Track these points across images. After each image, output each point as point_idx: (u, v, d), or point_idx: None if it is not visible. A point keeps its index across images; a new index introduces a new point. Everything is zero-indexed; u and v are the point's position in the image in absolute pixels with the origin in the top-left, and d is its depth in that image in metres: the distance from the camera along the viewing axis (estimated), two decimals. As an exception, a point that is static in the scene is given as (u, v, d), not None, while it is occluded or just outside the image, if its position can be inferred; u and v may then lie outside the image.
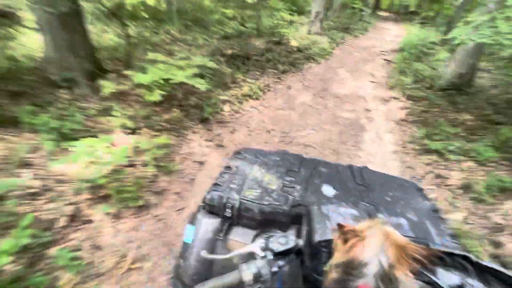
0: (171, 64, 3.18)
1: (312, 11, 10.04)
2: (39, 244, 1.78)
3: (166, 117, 3.32)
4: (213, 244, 1.04)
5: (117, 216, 2.16)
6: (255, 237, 1.04)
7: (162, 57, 3.26)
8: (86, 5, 4.56)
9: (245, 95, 4.54)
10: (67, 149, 2.39)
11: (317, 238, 0.71)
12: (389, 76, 7.36)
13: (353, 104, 5.26)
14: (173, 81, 2.99)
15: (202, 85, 2.99)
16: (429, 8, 17.37)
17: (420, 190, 1.26)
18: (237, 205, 1.04)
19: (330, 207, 0.87)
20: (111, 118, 2.89)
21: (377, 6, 21.29)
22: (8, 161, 2.15)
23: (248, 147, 2.22)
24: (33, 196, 2.00)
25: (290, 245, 0.74)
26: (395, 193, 1.17)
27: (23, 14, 4.36)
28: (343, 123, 4.42)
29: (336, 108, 4.95)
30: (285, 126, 4.08)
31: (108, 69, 3.72)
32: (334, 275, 0.56)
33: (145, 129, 2.97)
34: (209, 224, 1.06)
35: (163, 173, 2.61)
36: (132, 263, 1.89)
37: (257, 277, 0.68)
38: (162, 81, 2.85)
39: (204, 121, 3.54)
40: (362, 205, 1.05)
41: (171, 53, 4.98)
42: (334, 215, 0.81)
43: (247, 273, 0.67)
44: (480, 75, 6.42)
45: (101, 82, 3.09)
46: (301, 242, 0.76)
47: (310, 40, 9.05)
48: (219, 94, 4.39)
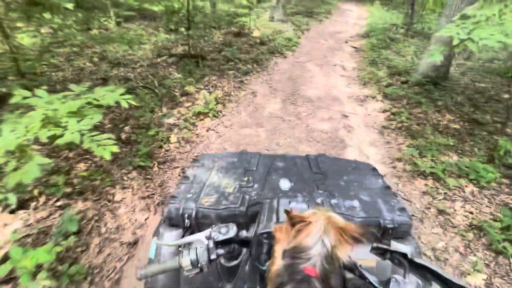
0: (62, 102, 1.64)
1: (273, -4, 9.03)
2: None
3: (79, 169, 2.31)
4: (176, 255, 0.91)
5: None
6: None
7: (43, 95, 1.64)
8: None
9: (199, 113, 3.57)
10: None
11: (260, 230, 0.71)
12: (360, 67, 6.75)
13: (328, 109, 4.54)
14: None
15: (104, 153, 1.51)
16: (389, -12, 17.06)
17: (373, 169, 1.30)
18: (194, 214, 1.02)
19: (281, 201, 0.85)
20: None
21: (337, -14, 20.59)
22: None
23: (206, 153, 1.98)
24: None
25: (230, 235, 0.75)
26: (350, 177, 1.21)
27: None
28: (320, 138, 3.69)
29: (310, 117, 4.19)
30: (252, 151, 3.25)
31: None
32: (280, 262, 0.60)
33: (42, 198, 1.96)
34: (171, 236, 1.04)
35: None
36: None
37: (195, 263, 0.70)
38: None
39: (140, 166, 2.56)
40: (317, 194, 1.08)
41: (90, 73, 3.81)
42: (282, 209, 0.77)
43: (185, 259, 0.70)
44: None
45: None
46: (245, 233, 0.82)
47: (273, 28, 8.10)
48: (164, 115, 3.38)
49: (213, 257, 0.73)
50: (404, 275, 0.65)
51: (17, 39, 2.96)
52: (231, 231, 0.76)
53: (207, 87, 4.33)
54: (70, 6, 2.62)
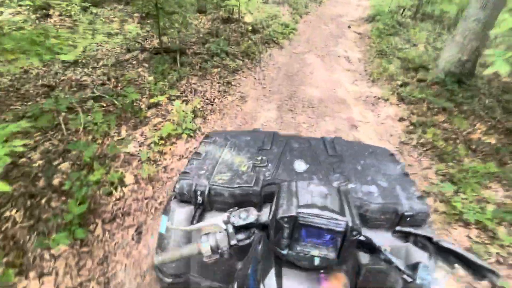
0: None
1: (267, -27, 7.86)
2: None
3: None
4: (188, 232, 1.01)
5: None
6: None
7: None
8: None
9: (169, 136, 2.72)
10: None
11: (281, 214, 0.65)
12: (367, 59, 5.84)
13: (333, 117, 3.71)
14: None
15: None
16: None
17: (391, 155, 1.25)
18: (207, 191, 1.00)
19: (299, 184, 0.74)
20: None
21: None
22: None
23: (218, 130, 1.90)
24: None
25: (250, 219, 0.72)
26: (367, 161, 1.17)
27: None
28: (326, 162, 2.90)
29: (312, 130, 3.37)
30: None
31: None
32: None
33: None
34: (181, 212, 1.02)
35: None
36: None
37: (215, 249, 0.69)
38: None
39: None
40: (333, 177, 1.05)
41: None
42: (302, 192, 0.70)
43: (205, 245, 0.69)
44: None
45: None
46: (264, 217, 0.73)
47: (268, 13, 7.04)
48: (122, 141, 2.53)
49: (233, 242, 0.70)
50: (429, 259, 0.66)
51: None
52: (251, 216, 0.73)
53: (184, 94, 3.44)
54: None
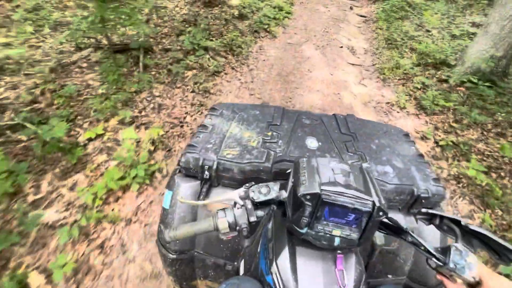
0: None
1: None
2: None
3: None
4: (193, 208, 0.99)
5: None
6: None
7: None
8: None
9: (112, 191, 1.90)
10: None
11: (303, 191, 0.61)
12: (375, 49, 4.93)
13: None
14: None
15: None
16: None
17: (406, 135, 1.22)
18: (215, 166, 0.95)
19: (320, 160, 0.70)
20: None
21: None
22: None
23: (224, 102, 1.98)
24: None
25: (271, 195, 0.67)
26: (381, 141, 1.14)
27: None
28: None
29: (312, 158, 2.59)
30: None
31: None
32: None
33: None
34: (187, 187, 0.98)
35: None
36: None
37: (233, 225, 0.64)
38: None
39: None
40: (347, 156, 1.02)
41: None
42: (324, 169, 0.66)
43: (223, 220, 0.64)
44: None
45: None
46: (285, 193, 0.67)
47: (258, -7, 5.92)
48: (41, 200, 1.72)
49: (253, 219, 0.64)
50: (456, 242, 0.63)
51: None
52: (273, 191, 0.67)
53: (143, 113, 2.58)
54: None
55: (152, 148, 2.25)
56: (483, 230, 0.62)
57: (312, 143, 1.06)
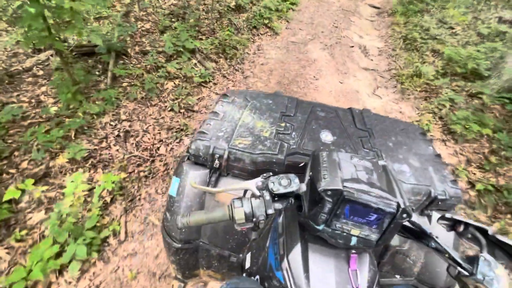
0: None
1: None
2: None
3: None
4: (200, 197, 0.95)
5: None
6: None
7: None
8: None
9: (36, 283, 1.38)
10: None
11: (324, 186, 0.58)
12: (391, 50, 4.27)
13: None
14: None
15: None
16: None
17: (423, 134, 1.17)
18: (226, 155, 0.92)
19: (341, 155, 0.67)
20: None
21: None
22: None
23: (236, 88, 1.88)
24: None
25: (292, 188, 0.62)
26: (398, 138, 1.10)
27: None
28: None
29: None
30: None
31: None
32: None
33: None
34: (195, 176, 0.95)
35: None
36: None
37: (249, 216, 0.60)
38: None
39: None
40: (362, 152, 1.00)
41: None
42: (346, 165, 0.63)
43: (239, 210, 0.60)
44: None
45: None
46: (305, 187, 0.64)
47: (259, -21, 5.16)
48: None
49: (270, 211, 0.61)
50: (481, 252, 0.59)
51: None
52: (294, 184, 0.63)
53: (104, 143, 2.02)
54: None
55: (109, 198, 1.71)
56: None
57: (327, 136, 1.03)
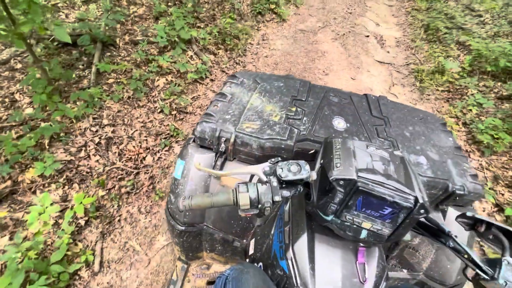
0: None
1: None
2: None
3: None
4: (205, 180, 0.93)
5: None
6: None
7: None
8: None
9: None
10: None
11: (336, 175, 0.54)
12: (410, 42, 3.84)
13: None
14: None
15: None
16: None
17: (443, 124, 1.10)
18: (232, 139, 0.89)
19: (356, 143, 0.63)
20: None
21: None
22: None
23: (245, 70, 1.70)
24: None
25: (302, 175, 0.58)
26: (416, 128, 1.05)
27: None
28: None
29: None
30: None
31: None
32: None
33: None
34: (200, 159, 0.92)
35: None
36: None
37: (255, 202, 0.56)
38: None
39: None
40: (377, 141, 0.94)
41: None
42: (361, 154, 0.59)
43: (244, 196, 0.56)
44: None
45: None
46: (315, 175, 0.59)
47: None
48: None
49: (277, 198, 0.56)
50: (503, 256, 0.54)
51: None
52: (304, 171, 0.58)
53: (83, 153, 1.78)
54: None
55: (83, 221, 1.50)
56: None
57: (339, 123, 0.98)
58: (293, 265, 0.62)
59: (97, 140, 1.85)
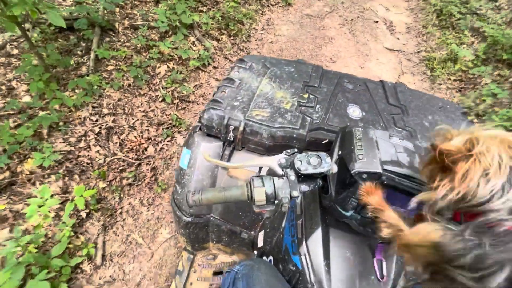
0: None
1: None
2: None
3: None
4: (213, 170, 0.88)
5: None
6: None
7: None
8: None
9: None
10: None
11: (358, 167, 0.50)
12: (422, 28, 3.66)
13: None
14: None
15: None
16: None
17: (463, 114, 1.05)
18: (241, 127, 0.83)
19: (378, 133, 0.58)
20: None
21: None
22: None
23: (254, 54, 1.63)
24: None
25: (323, 168, 0.53)
26: (435, 117, 0.97)
27: None
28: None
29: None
30: None
31: None
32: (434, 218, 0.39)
33: None
34: (207, 148, 0.88)
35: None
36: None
37: (271, 198, 0.52)
38: None
39: None
40: (394, 131, 0.88)
41: None
42: (384, 145, 0.55)
43: (260, 191, 0.52)
44: None
45: None
46: (336, 168, 0.56)
47: None
48: None
49: (296, 194, 0.52)
50: None
51: None
52: (325, 164, 0.53)
53: (82, 143, 1.73)
54: None
55: (84, 213, 1.46)
56: None
57: (354, 112, 0.92)
58: (306, 261, 0.59)
59: (97, 129, 1.78)
